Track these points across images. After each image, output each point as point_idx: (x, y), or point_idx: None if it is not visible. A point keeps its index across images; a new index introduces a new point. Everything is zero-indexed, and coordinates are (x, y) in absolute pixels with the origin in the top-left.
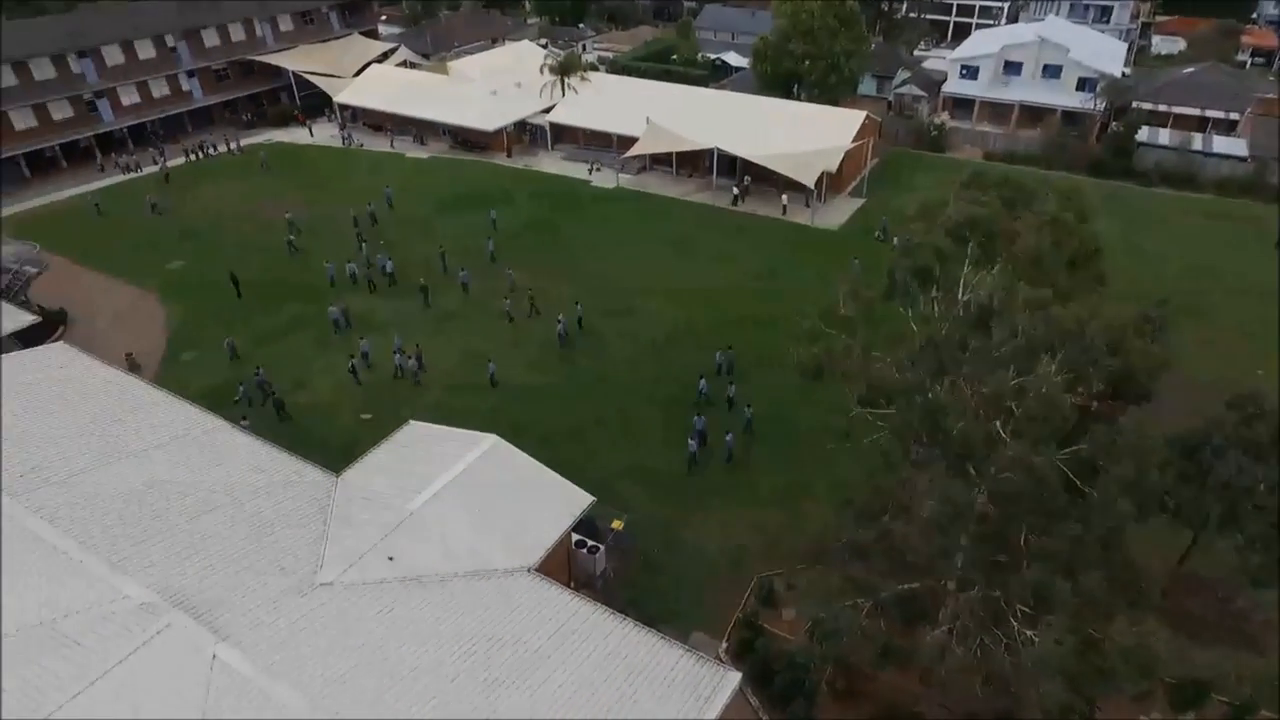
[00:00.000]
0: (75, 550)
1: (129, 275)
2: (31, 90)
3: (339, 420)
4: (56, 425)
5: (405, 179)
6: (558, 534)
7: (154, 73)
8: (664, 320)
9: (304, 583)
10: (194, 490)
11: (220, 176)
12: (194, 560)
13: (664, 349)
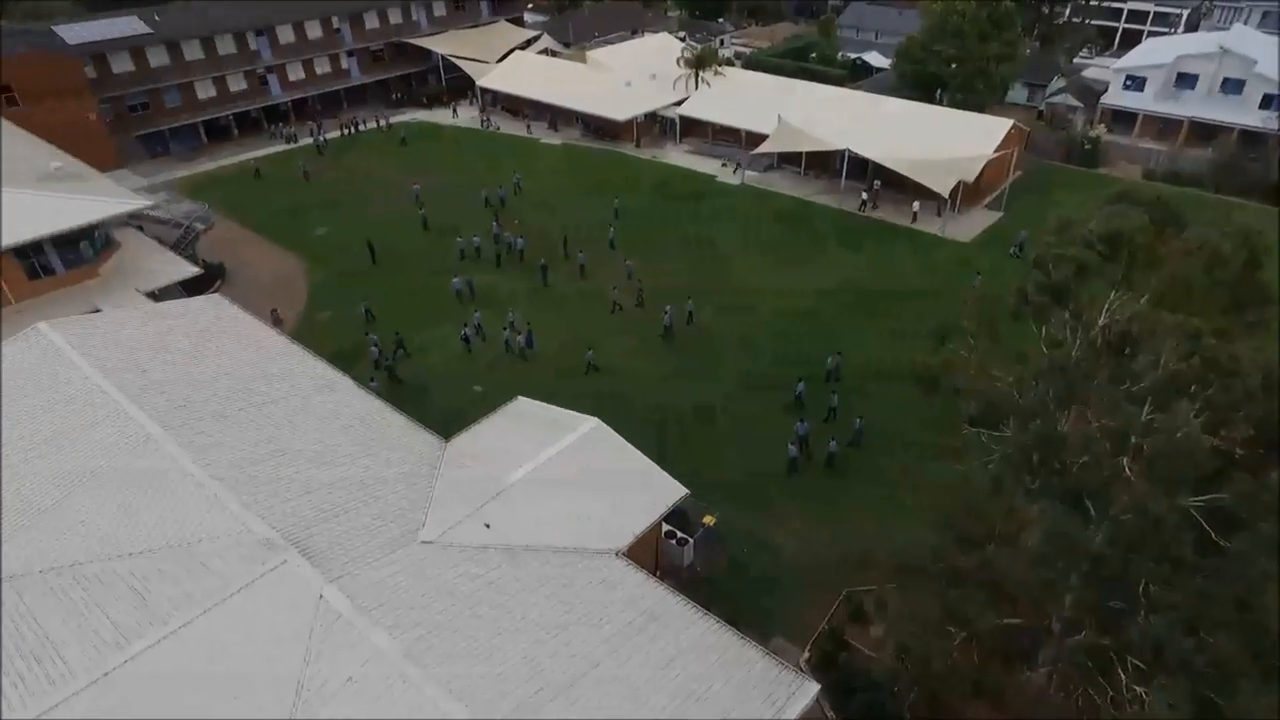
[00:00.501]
0: (211, 484)
1: (280, 238)
2: (215, 64)
3: (453, 389)
4: (205, 369)
5: (536, 163)
6: (648, 522)
7: (319, 52)
8: (775, 320)
9: (406, 538)
10: (317, 441)
11: (366, 151)
12: (310, 506)
13: (772, 348)
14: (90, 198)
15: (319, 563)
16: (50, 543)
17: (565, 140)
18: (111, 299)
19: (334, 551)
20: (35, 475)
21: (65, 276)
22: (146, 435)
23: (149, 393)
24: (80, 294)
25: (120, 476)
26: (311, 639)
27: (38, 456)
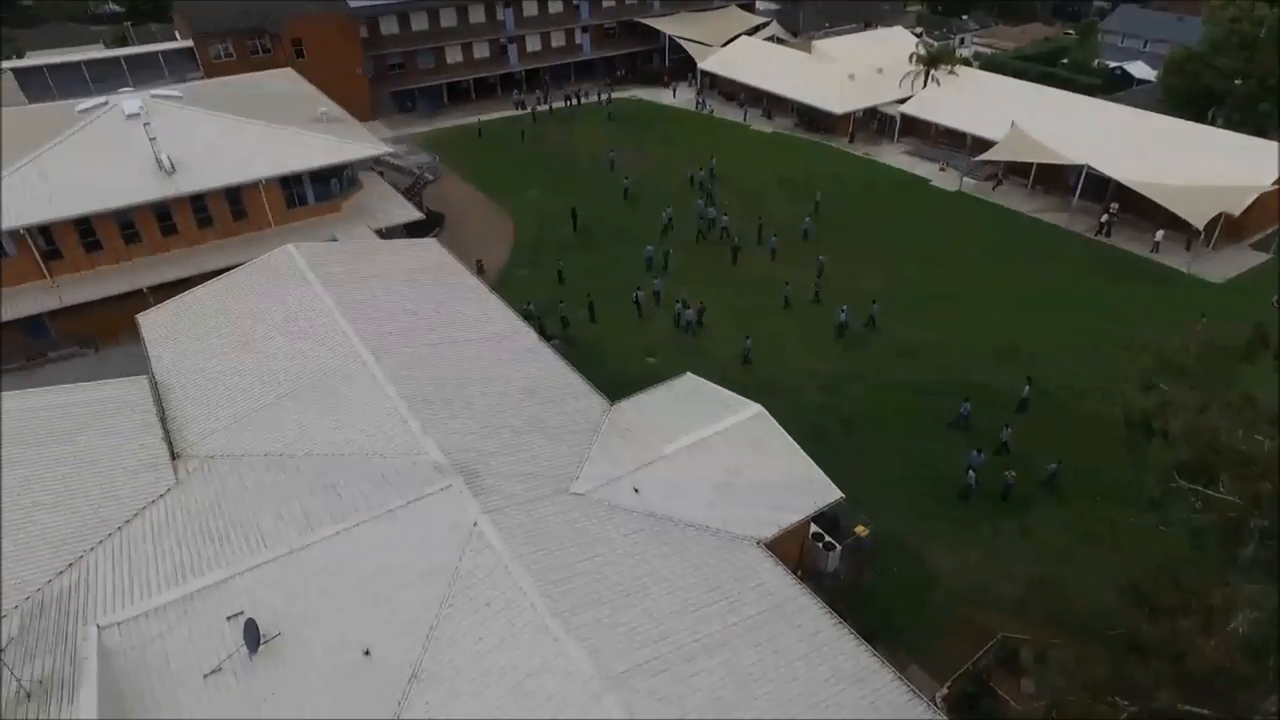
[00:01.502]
0: (400, 405)
1: (496, 196)
2: (465, 32)
3: (627, 357)
4: (412, 302)
5: (743, 148)
6: (798, 519)
7: (556, 26)
8: (964, 336)
9: (559, 487)
10: (495, 383)
11: (584, 122)
12: (479, 441)
13: (957, 365)
14: (345, 142)
15: (478, 493)
16: (266, 433)
17: (777, 129)
18: (347, 232)
19: (493, 486)
20: (263, 372)
21: (314, 208)
22: (355, 352)
23: (362, 315)
24: (323, 224)
25: (327, 384)
26: (461, 561)
27: (268, 357)
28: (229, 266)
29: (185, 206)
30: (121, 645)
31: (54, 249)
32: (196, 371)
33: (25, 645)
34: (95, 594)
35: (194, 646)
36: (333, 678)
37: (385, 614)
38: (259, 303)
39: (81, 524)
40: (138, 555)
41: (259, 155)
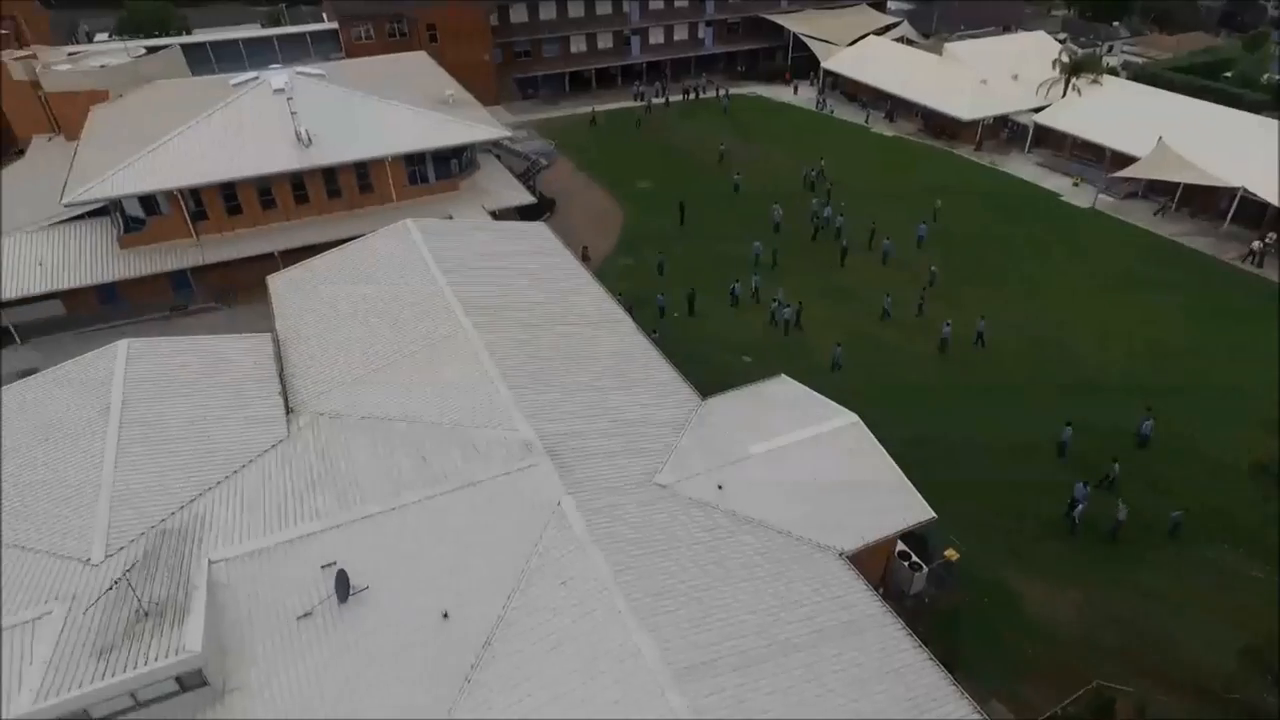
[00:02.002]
0: (497, 381)
1: (608, 184)
2: (590, 22)
3: (723, 354)
4: (517, 283)
5: (863, 150)
6: (884, 534)
7: (681, 19)
8: (1080, 360)
9: (644, 476)
10: (588, 369)
11: (700, 117)
12: (569, 423)
13: (1068, 392)
14: (469, 124)
15: (564, 474)
16: (370, 396)
17: (899, 133)
18: (462, 211)
19: (578, 469)
20: (374, 338)
21: (434, 186)
22: (459, 326)
23: (469, 291)
24: (441, 202)
25: (430, 355)
26: (541, 538)
27: (379, 324)
28: (352, 236)
29: (318, 178)
30: (228, 579)
31: (200, 210)
32: (314, 333)
33: (148, 569)
34: (210, 530)
35: (290, 589)
36: (412, 635)
37: (465, 580)
38: (375, 272)
39: (204, 464)
40: (249, 499)
41: (388, 133)
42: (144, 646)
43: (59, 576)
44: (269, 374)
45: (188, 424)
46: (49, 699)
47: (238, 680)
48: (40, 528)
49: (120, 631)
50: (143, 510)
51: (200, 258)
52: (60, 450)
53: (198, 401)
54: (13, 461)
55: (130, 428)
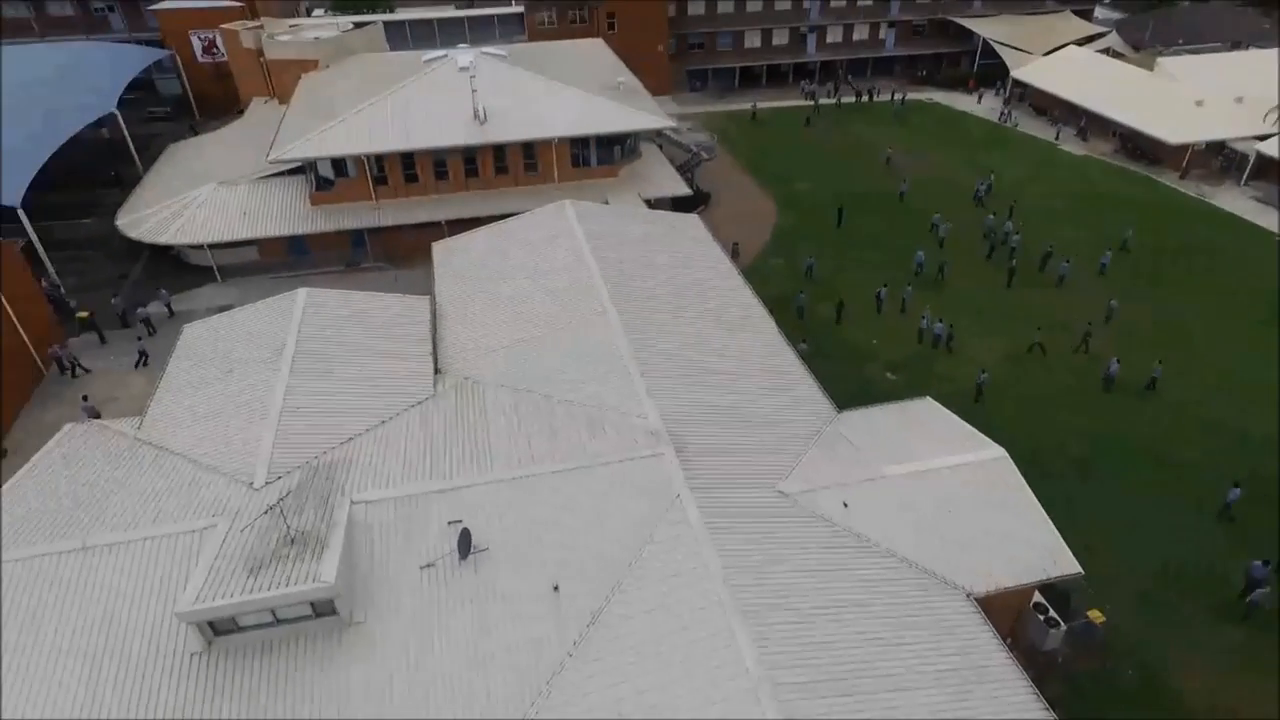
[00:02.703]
0: (632, 366)
1: (766, 182)
2: (768, 18)
3: (866, 369)
4: (664, 272)
5: (1048, 169)
6: (1021, 581)
7: (863, 18)
8: (1268, 422)
9: (767, 483)
10: (724, 365)
11: (871, 120)
12: (698, 417)
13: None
14: (636, 112)
15: (687, 467)
16: (511, 366)
17: (1091, 153)
18: (619, 196)
19: (702, 464)
20: (521, 311)
21: (595, 170)
22: (602, 308)
23: (615, 275)
24: (599, 187)
25: (572, 333)
26: (658, 527)
27: (528, 297)
28: (513, 212)
29: (488, 153)
30: (365, 521)
31: (382, 176)
32: (467, 300)
33: (299, 500)
34: (355, 472)
35: (417, 539)
36: (522, 602)
37: (579, 558)
38: (530, 248)
39: (357, 411)
40: (392, 449)
41: (557, 115)
42: (287, 570)
43: (226, 494)
44: (423, 334)
45: (348, 371)
46: (207, 602)
47: (362, 614)
48: (217, 448)
49: (269, 553)
50: (301, 446)
51: (377, 219)
52: (241, 381)
53: (358, 352)
54: (202, 387)
55: (299, 369)
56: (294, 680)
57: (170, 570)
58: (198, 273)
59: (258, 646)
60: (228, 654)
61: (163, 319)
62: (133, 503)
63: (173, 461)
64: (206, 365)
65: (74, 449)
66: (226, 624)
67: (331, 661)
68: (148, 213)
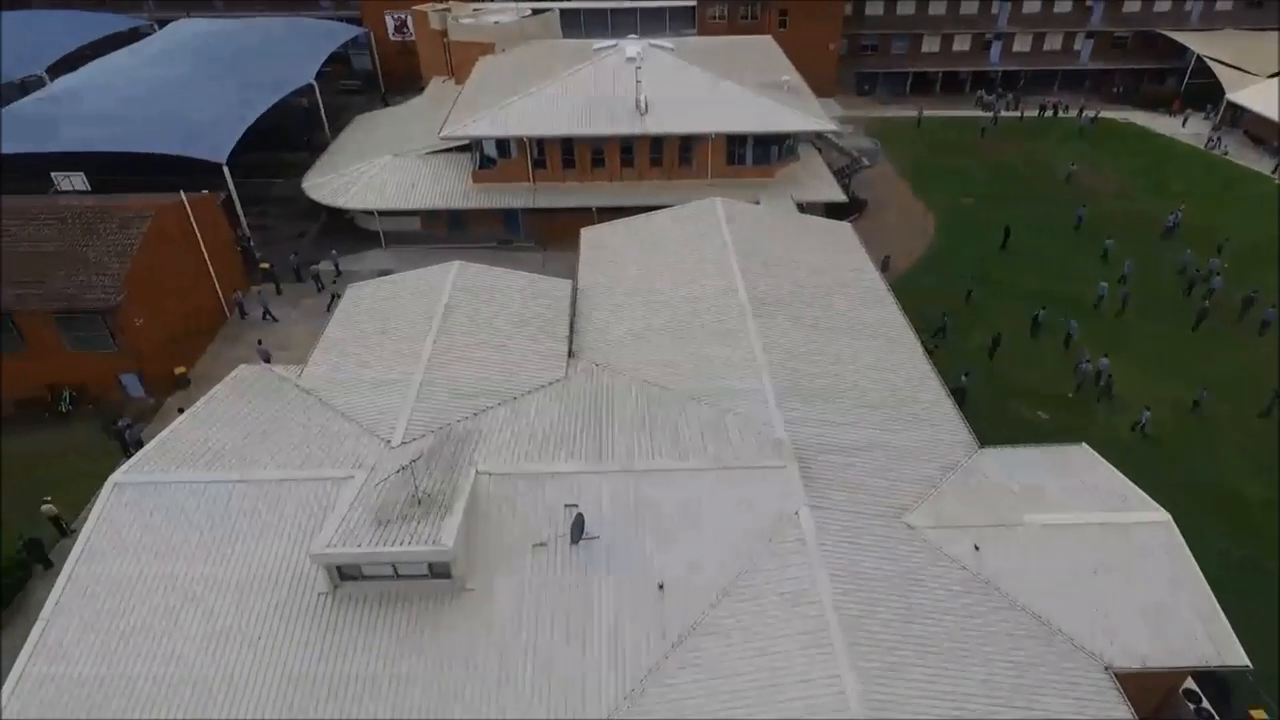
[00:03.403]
0: (763, 370)
1: (926, 195)
2: (950, 22)
3: (1019, 405)
4: (811, 280)
5: (1261, 205)
6: (1174, 664)
7: (1057, 27)
8: None
9: (893, 513)
10: (862, 384)
11: (1054, 137)
12: (827, 434)
13: None
14: (797, 113)
15: (809, 485)
16: (643, 358)
17: None
18: (771, 198)
19: (826, 483)
20: (660, 303)
21: (749, 169)
22: (741, 310)
23: (758, 278)
24: (752, 186)
25: (707, 332)
26: (771, 542)
27: (668, 291)
28: (662, 205)
29: (645, 145)
30: (487, 491)
31: (541, 159)
32: (607, 287)
33: (429, 463)
34: (483, 443)
35: (533, 517)
36: (627, 594)
37: (687, 560)
38: (675, 243)
39: (492, 384)
40: (519, 426)
41: (717, 111)
42: (411, 529)
43: (365, 448)
44: (562, 317)
45: (488, 345)
46: (337, 548)
47: (474, 582)
48: (363, 404)
49: (397, 510)
50: (437, 411)
51: (532, 201)
52: (392, 343)
53: (499, 327)
54: (357, 344)
55: (444, 338)
56: (407, 634)
57: (310, 512)
58: (366, 237)
59: (377, 596)
60: (350, 599)
61: (331, 277)
62: (285, 444)
63: (323, 411)
64: (364, 324)
65: (243, 388)
66: (352, 570)
67: (442, 622)
68: (330, 177)
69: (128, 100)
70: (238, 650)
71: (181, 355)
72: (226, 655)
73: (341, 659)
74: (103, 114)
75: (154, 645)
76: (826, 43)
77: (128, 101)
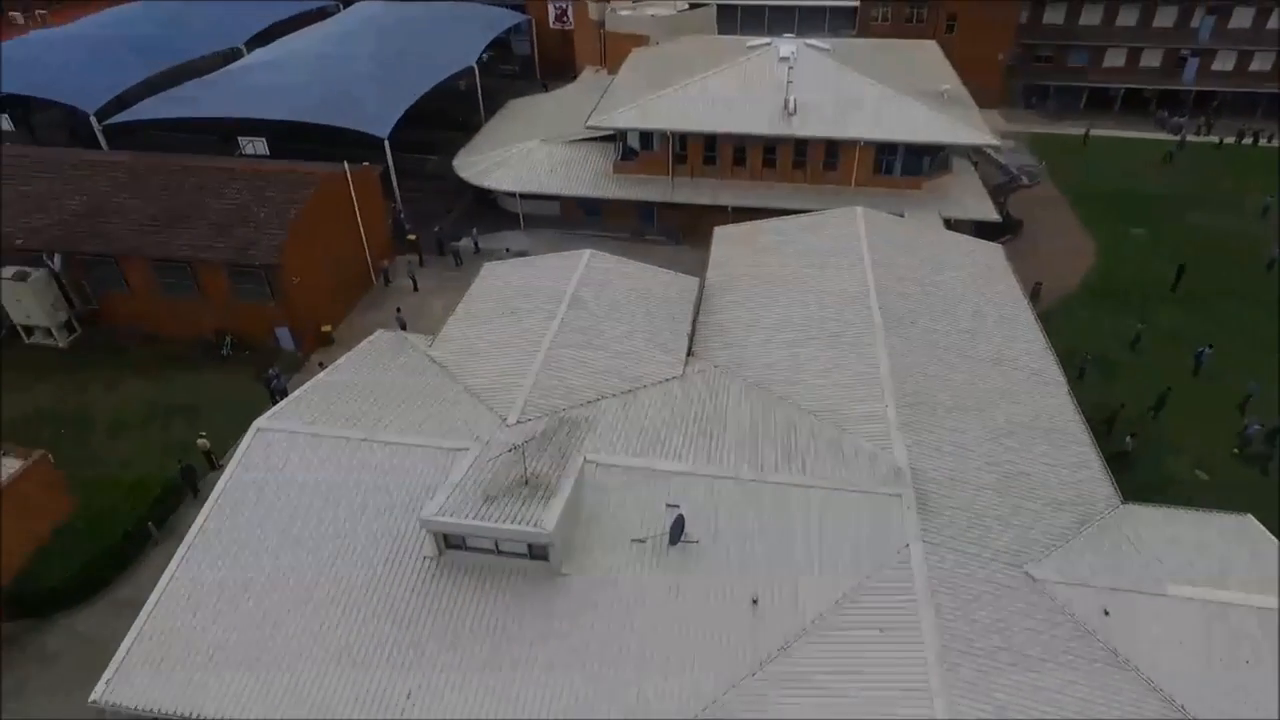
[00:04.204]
0: (888, 394)
1: (1090, 220)
2: (1140, 34)
3: (1174, 460)
4: (950, 302)
5: None
6: None
7: (1270, 45)
8: None
9: (1014, 560)
10: (994, 418)
11: (1255, 167)
12: (950, 466)
13: None
14: (955, 123)
15: (924, 518)
16: (763, 365)
17: None
18: (917, 211)
19: (942, 518)
20: (788, 310)
21: (897, 179)
22: (870, 325)
23: (892, 295)
24: (898, 197)
25: (834, 345)
26: (876, 572)
27: (797, 299)
28: (802, 209)
29: (789, 147)
30: (592, 479)
31: (682, 154)
32: (735, 288)
33: (540, 445)
34: (594, 432)
35: (634, 511)
36: (719, 604)
37: (784, 578)
38: (810, 248)
39: (609, 374)
40: (632, 418)
41: (868, 117)
42: (516, 508)
43: (482, 423)
44: (686, 314)
45: (609, 336)
46: (445, 517)
47: (569, 568)
48: (485, 380)
49: (505, 487)
50: (553, 395)
51: (669, 195)
52: (517, 323)
53: (623, 319)
54: (487, 321)
55: (568, 324)
56: (502, 610)
57: (424, 478)
58: (506, 218)
59: (477, 568)
60: (452, 567)
61: (469, 253)
62: (409, 410)
63: (448, 382)
64: (494, 303)
65: (379, 352)
66: (456, 540)
67: (534, 602)
68: (479, 158)
69: (307, 74)
70: (348, 590)
71: (329, 314)
72: (338, 589)
73: (439, 619)
74: (284, 86)
75: (278, 568)
76: (995, 51)
77: (307, 75)
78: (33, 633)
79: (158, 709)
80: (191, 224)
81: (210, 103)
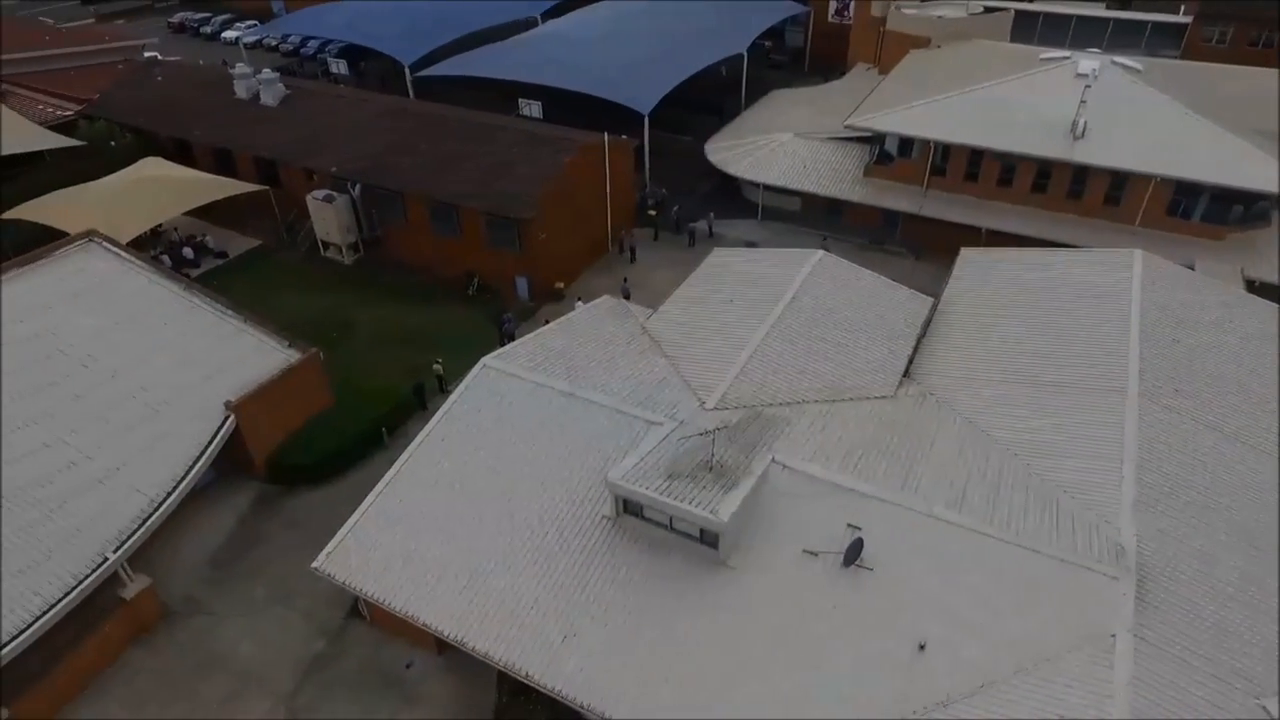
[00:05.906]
0: (1129, 462)
1: None
2: None
3: None
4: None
5: None
6: None
7: None
8: None
9: (1244, 682)
10: (1249, 519)
11: None
12: (1186, 561)
13: None
14: None
15: (1141, 610)
16: (986, 402)
17: None
18: (1212, 266)
19: (1164, 616)
20: (1025, 353)
21: (1193, 225)
22: (1124, 389)
23: (1159, 357)
24: (1190, 246)
25: (1077, 400)
26: (1067, 655)
27: (1043, 341)
28: (1068, 243)
29: (1066, 172)
30: (776, 481)
31: (941, 166)
32: (970, 318)
33: (732, 435)
34: (786, 434)
35: (813, 523)
36: (883, 639)
37: (960, 633)
38: (1068, 287)
39: (818, 379)
40: (829, 429)
41: (1171, 149)
42: (696, 491)
43: (681, 403)
44: (910, 333)
45: (824, 341)
46: (629, 483)
47: (735, 561)
48: (690, 361)
49: (690, 469)
50: (755, 388)
51: (919, 207)
52: (735, 312)
53: (841, 326)
54: (705, 304)
55: (784, 322)
56: (662, 584)
57: (618, 443)
58: (745, 206)
59: (648, 539)
60: (625, 532)
61: (703, 236)
62: (618, 375)
63: (658, 356)
64: (717, 288)
65: (601, 315)
66: (635, 507)
67: (695, 586)
68: (730, 144)
69: (587, 47)
70: (530, 526)
71: (564, 272)
72: (523, 523)
73: (608, 576)
74: (564, 56)
75: (477, 492)
76: None
77: (587, 48)
78: (285, 498)
79: (359, 589)
80: (464, 172)
81: (499, 65)
